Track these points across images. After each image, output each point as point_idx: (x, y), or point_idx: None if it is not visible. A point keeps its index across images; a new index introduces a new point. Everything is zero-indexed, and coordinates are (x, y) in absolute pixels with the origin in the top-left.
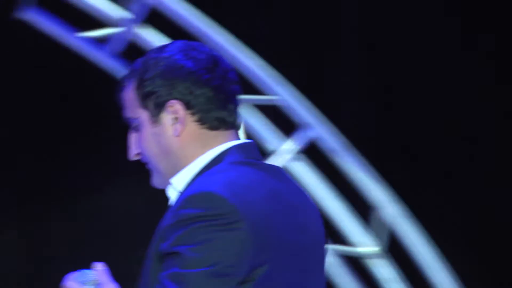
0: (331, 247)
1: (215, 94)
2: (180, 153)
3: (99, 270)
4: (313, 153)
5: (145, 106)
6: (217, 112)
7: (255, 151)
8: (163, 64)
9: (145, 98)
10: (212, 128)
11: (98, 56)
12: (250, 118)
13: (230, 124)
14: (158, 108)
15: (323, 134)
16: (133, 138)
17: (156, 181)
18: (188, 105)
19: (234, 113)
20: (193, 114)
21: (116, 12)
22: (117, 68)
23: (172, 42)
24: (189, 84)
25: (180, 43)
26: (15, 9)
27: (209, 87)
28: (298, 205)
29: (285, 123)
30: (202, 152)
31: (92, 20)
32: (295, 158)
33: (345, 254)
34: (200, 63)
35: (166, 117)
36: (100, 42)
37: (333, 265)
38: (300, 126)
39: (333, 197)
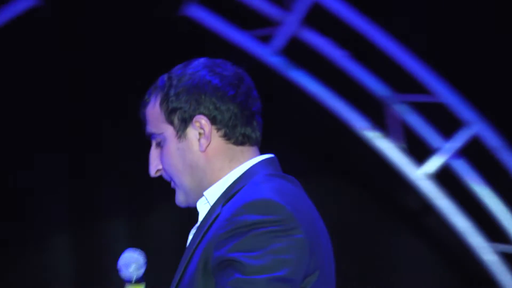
0: (492, 245)
1: (240, 110)
2: (207, 168)
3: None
4: (475, 151)
5: (170, 122)
6: (242, 128)
7: (278, 165)
8: (189, 79)
9: (170, 113)
10: (238, 143)
11: (261, 53)
12: (412, 117)
13: (254, 140)
14: (183, 123)
15: (485, 131)
16: (154, 154)
17: (180, 199)
18: (213, 120)
19: (257, 129)
20: (218, 129)
21: (278, 10)
22: (279, 65)
23: (195, 58)
24: (215, 100)
25: (204, 60)
26: (181, 5)
27: (234, 103)
28: (317, 215)
29: (447, 121)
30: (230, 166)
31: (255, 18)
32: (457, 156)
33: (507, 252)
34: (226, 79)
35: (192, 132)
36: (263, 39)
37: (494, 263)
38: (462, 124)
39: (494, 195)
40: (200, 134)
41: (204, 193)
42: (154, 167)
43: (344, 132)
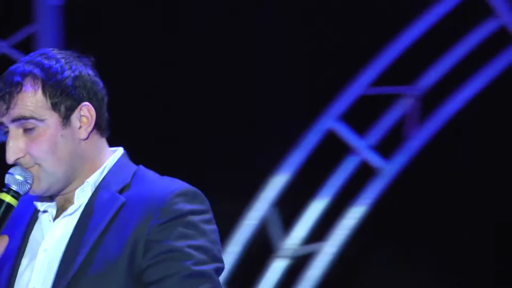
0: None
1: (104, 102)
2: (83, 157)
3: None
4: None
5: (56, 110)
6: (106, 120)
7: None
8: (69, 70)
9: (56, 101)
10: (103, 135)
11: None
12: None
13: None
14: (70, 111)
15: None
16: (20, 140)
17: (42, 186)
18: (96, 110)
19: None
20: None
21: None
22: None
23: (48, 49)
24: (95, 90)
25: (62, 51)
26: None
27: (104, 95)
28: None
29: None
30: (101, 158)
31: None
32: None
33: None
34: (94, 72)
35: (75, 121)
36: None
37: None
38: None
39: None
40: (83, 122)
41: (88, 179)
42: (16, 154)
43: None
